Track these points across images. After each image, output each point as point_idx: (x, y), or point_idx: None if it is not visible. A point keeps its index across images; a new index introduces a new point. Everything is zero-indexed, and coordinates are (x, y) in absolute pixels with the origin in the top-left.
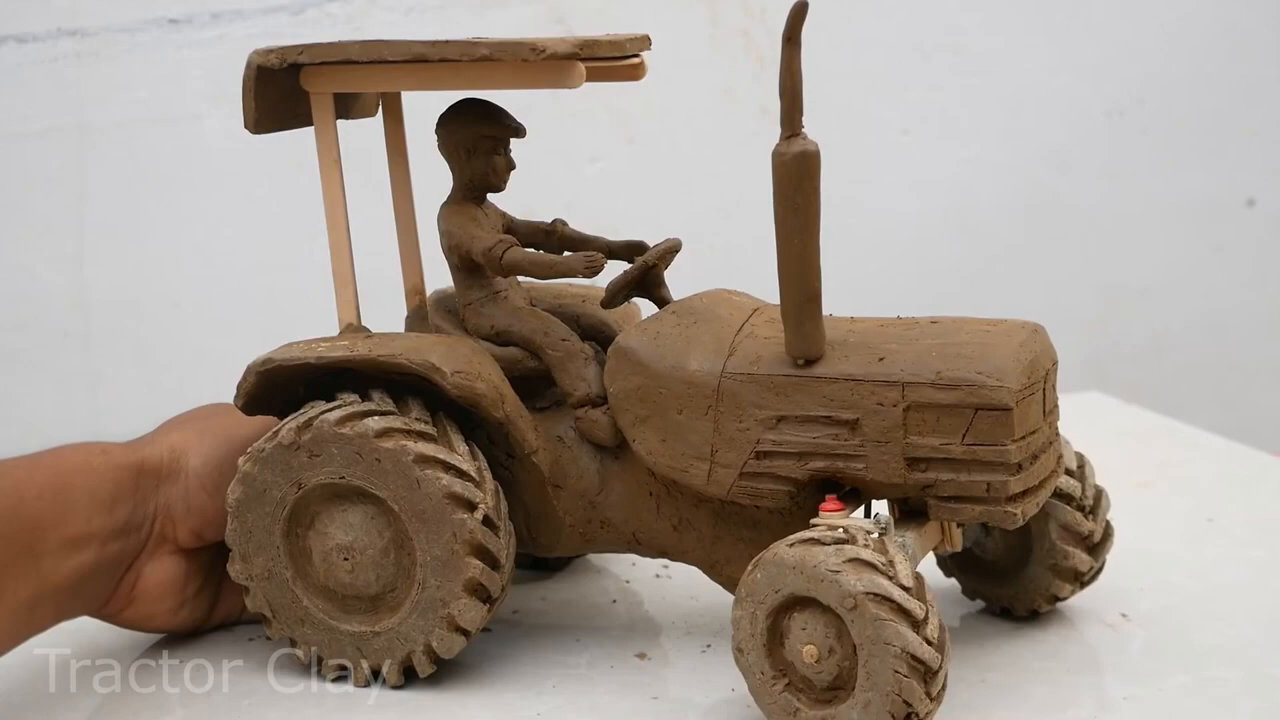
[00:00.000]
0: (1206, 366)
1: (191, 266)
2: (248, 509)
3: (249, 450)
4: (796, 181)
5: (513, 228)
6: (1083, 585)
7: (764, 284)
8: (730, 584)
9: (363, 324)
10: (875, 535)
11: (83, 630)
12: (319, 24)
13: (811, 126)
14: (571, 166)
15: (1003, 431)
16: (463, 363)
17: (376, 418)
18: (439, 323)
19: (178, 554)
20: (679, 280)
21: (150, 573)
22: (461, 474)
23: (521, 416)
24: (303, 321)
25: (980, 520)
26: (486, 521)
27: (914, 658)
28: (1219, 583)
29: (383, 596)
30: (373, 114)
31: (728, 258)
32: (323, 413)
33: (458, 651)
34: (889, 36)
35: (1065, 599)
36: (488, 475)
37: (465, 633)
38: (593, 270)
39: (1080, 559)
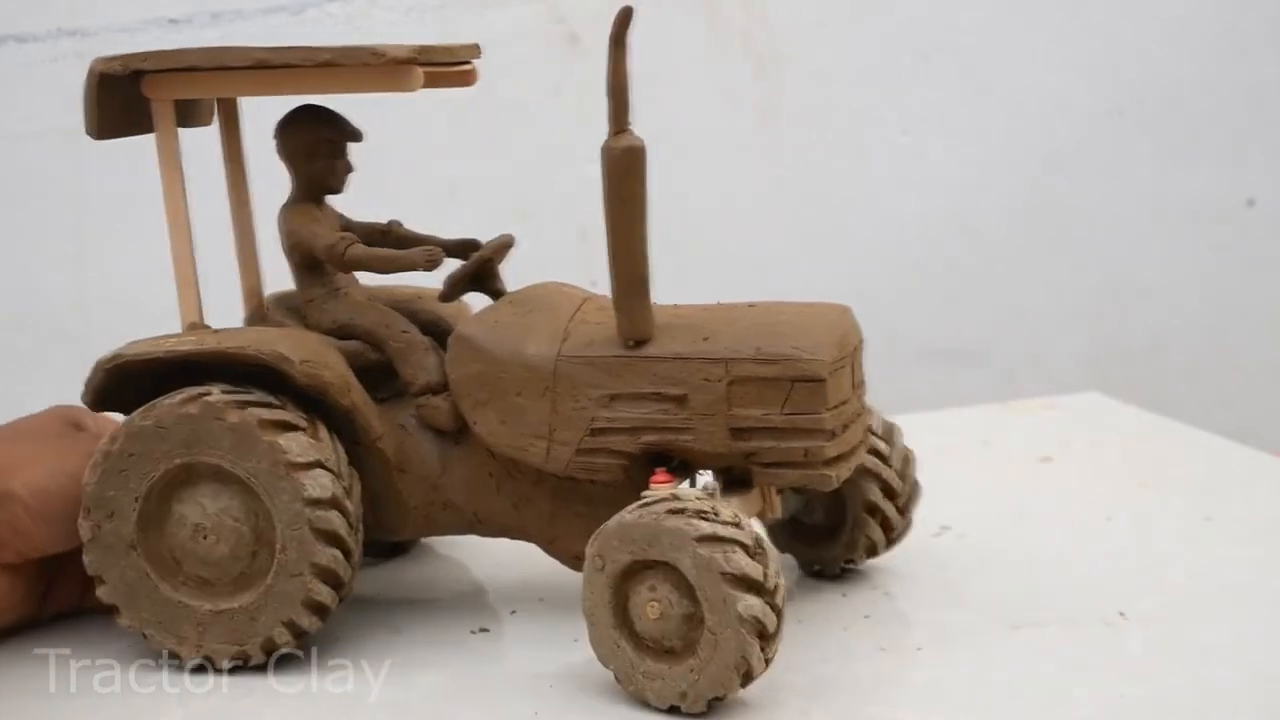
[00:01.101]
0: (1206, 366)
1: None
2: (109, 564)
3: (81, 507)
4: (624, 174)
5: (350, 227)
6: (891, 540)
7: (764, 284)
8: (568, 558)
9: (206, 324)
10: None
11: (83, 630)
12: (319, 24)
13: (812, 126)
14: (571, 167)
15: (818, 400)
16: (310, 352)
17: (169, 397)
18: (281, 320)
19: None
20: (674, 280)
21: None
22: (248, 396)
23: (366, 404)
24: None
25: (799, 484)
26: (287, 426)
27: (712, 536)
28: (1219, 583)
29: (258, 551)
30: (209, 123)
31: (727, 257)
32: (125, 420)
33: (343, 569)
34: (889, 36)
35: (891, 539)
36: (290, 404)
37: (337, 540)
38: (432, 264)
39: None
